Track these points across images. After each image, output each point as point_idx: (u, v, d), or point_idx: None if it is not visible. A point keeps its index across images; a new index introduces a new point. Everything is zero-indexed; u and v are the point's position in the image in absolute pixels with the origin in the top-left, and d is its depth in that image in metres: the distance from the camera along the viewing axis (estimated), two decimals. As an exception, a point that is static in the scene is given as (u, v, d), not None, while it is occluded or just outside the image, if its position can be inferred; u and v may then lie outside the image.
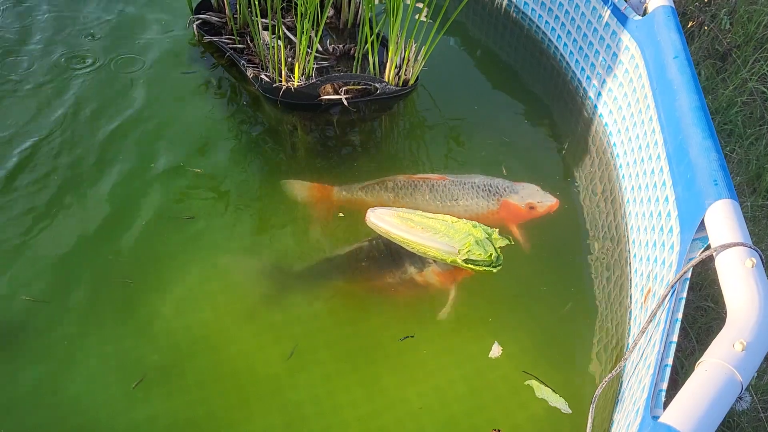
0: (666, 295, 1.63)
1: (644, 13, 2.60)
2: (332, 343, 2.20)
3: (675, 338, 1.55)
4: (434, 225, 2.32)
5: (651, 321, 1.67)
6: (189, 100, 2.96)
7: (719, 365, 1.30)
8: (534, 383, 2.09)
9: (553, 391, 2.07)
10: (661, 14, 2.43)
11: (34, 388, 2.03)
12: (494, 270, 2.33)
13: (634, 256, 2.28)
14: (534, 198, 2.52)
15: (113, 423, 1.98)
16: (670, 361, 1.51)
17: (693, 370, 1.33)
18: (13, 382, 2.04)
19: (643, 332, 1.67)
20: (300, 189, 2.61)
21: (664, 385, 1.47)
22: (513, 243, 2.37)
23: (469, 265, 2.31)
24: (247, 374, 2.11)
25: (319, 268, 2.37)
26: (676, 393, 1.32)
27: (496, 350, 2.17)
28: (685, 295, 1.63)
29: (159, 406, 2.02)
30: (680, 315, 1.59)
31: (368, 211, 2.43)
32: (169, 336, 2.17)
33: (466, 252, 2.26)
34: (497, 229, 2.37)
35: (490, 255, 2.28)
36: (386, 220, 2.36)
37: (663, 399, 1.45)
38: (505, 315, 2.28)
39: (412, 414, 2.05)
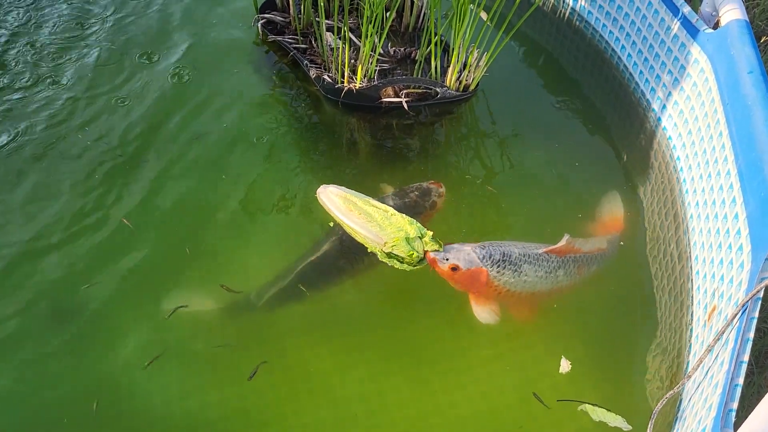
0: (736, 314, 1.58)
1: (716, 26, 2.53)
2: (381, 343, 2.21)
3: (746, 358, 1.50)
4: (372, 213, 2.26)
5: (718, 340, 1.63)
6: (251, 98, 3.01)
7: (796, 388, 1.26)
8: (587, 407, 2.04)
9: (608, 410, 2.02)
10: (734, 27, 2.36)
11: (92, 375, 2.09)
12: (408, 269, 2.25)
13: (697, 273, 2.22)
14: None
15: (168, 409, 2.02)
16: (740, 380, 1.46)
17: (751, 391, 1.29)
18: (73, 367, 2.11)
19: (709, 351, 1.62)
20: None
21: (734, 405, 1.43)
22: (442, 250, 2.25)
23: (386, 260, 2.25)
24: (298, 368, 2.13)
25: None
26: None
27: (565, 365, 2.13)
28: (756, 314, 1.58)
29: (211, 395, 2.06)
30: (752, 335, 1.54)
31: (321, 186, 2.38)
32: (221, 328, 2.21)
33: (391, 246, 2.20)
34: (432, 233, 2.27)
35: (412, 255, 2.20)
36: (331, 199, 2.33)
37: (733, 419, 1.41)
38: (559, 325, 2.25)
39: (460, 419, 2.04)
